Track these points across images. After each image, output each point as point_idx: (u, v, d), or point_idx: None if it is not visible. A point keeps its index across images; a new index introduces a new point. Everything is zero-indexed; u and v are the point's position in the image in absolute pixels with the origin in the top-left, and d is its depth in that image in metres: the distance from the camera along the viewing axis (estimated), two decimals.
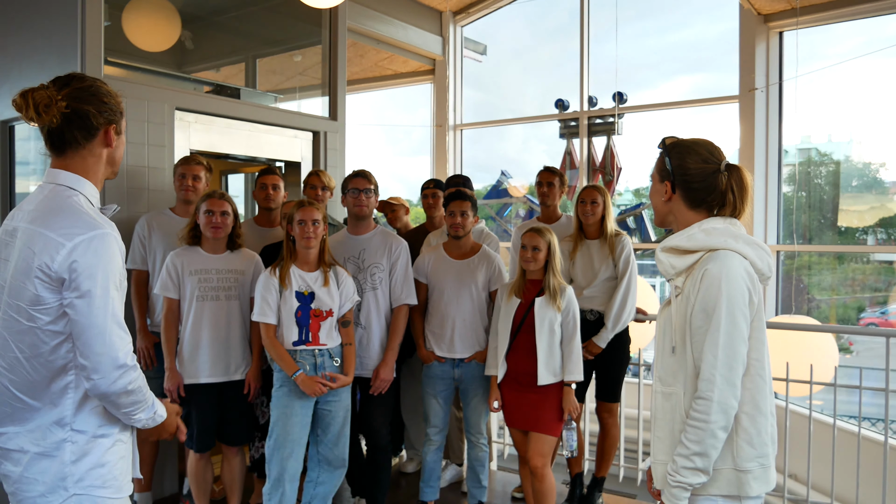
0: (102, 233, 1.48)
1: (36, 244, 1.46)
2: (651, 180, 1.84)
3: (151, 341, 3.26)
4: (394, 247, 3.17)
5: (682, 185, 1.73)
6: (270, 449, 2.84)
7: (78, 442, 1.51)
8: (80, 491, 1.51)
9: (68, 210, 1.50)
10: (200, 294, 2.97)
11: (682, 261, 1.68)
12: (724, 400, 1.57)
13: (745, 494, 1.63)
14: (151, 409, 1.60)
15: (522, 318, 2.96)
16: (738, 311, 1.59)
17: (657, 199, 1.80)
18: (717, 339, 1.58)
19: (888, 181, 6.21)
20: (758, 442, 1.64)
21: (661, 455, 1.72)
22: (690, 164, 1.72)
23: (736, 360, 1.59)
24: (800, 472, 4.96)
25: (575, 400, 2.96)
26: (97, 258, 1.46)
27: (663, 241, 1.74)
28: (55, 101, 1.49)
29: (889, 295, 6.59)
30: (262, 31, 4.94)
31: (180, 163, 3.38)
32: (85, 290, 1.45)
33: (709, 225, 1.68)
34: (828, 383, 3.63)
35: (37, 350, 1.49)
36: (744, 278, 1.61)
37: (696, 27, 7.65)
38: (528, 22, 8.19)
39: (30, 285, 1.46)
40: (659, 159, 1.79)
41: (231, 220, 3.02)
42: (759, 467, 1.64)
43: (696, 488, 1.63)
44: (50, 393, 1.51)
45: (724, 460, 1.63)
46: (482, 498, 3.36)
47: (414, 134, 8.86)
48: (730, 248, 1.64)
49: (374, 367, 3.12)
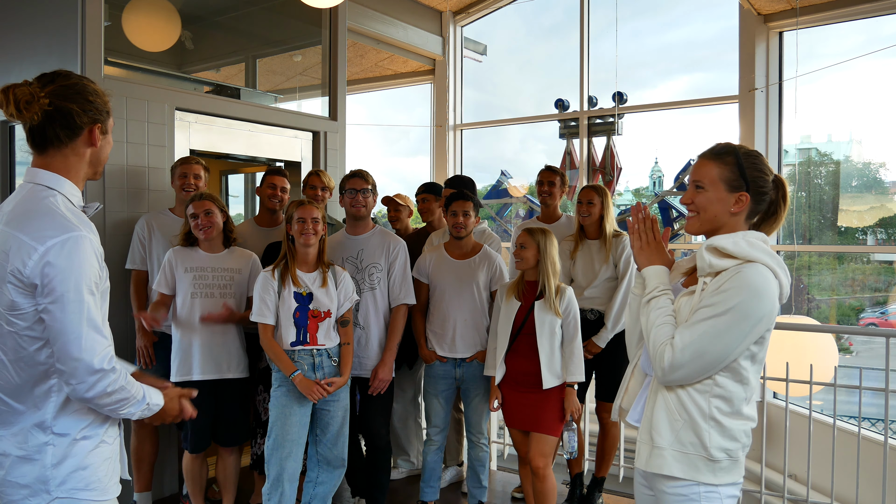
0: (76, 235, 1.45)
1: (10, 247, 1.44)
2: (702, 188, 1.72)
3: (150, 340, 3.26)
4: (392, 246, 3.17)
5: (756, 196, 1.70)
6: (269, 449, 2.84)
7: (59, 445, 1.50)
8: (63, 494, 1.49)
9: (42, 211, 1.47)
10: (195, 291, 2.99)
11: (721, 262, 1.66)
12: (677, 363, 1.63)
13: (721, 482, 1.66)
14: (142, 402, 1.57)
15: (523, 321, 2.95)
16: (746, 318, 1.60)
17: (720, 209, 1.70)
18: (705, 329, 1.61)
19: (888, 181, 6.21)
20: (729, 436, 1.67)
21: (644, 434, 1.75)
22: (764, 174, 1.70)
23: (710, 351, 1.61)
24: (800, 472, 4.95)
25: (577, 401, 2.96)
26: (69, 262, 1.43)
27: (710, 240, 1.69)
28: (37, 97, 1.47)
29: (889, 295, 6.59)
30: (262, 31, 4.94)
31: (179, 163, 3.39)
32: (58, 296, 1.42)
33: (753, 237, 1.67)
34: (828, 383, 3.63)
35: (19, 354, 1.47)
36: (769, 299, 1.62)
37: (694, 25, 7.65)
38: (527, 22, 8.20)
39: (5, 290, 1.44)
40: (724, 168, 1.70)
41: (219, 217, 3.03)
42: (728, 461, 1.67)
43: (656, 469, 1.69)
44: (33, 396, 1.49)
45: (695, 446, 1.66)
46: (482, 498, 3.36)
47: (412, 134, 8.87)
48: (766, 263, 1.63)
49: (373, 368, 3.12)
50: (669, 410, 1.70)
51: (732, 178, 1.68)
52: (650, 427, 1.74)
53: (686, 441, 1.67)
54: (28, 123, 1.50)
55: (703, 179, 1.71)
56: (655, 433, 1.71)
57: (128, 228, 3.39)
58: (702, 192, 1.71)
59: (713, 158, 1.71)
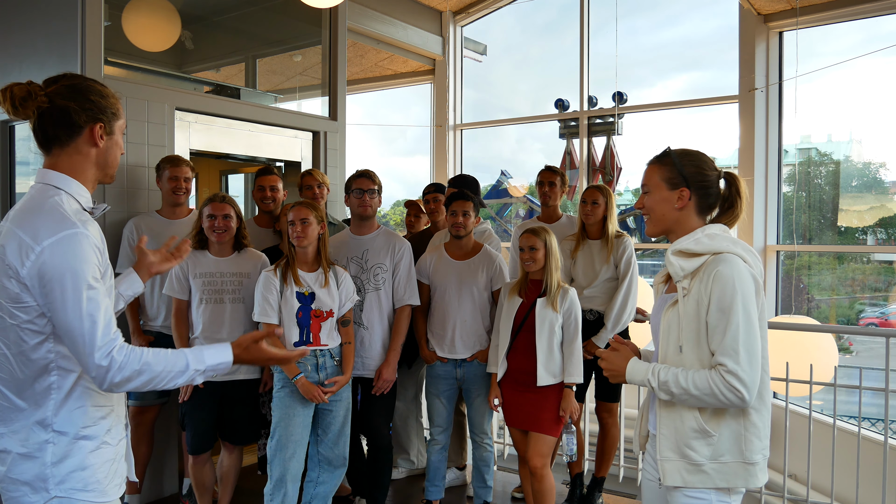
0: (72, 233, 1.45)
1: (10, 244, 1.45)
2: (647, 192, 1.84)
3: (147, 341, 3.27)
4: (397, 247, 3.17)
5: (699, 191, 1.79)
6: (272, 450, 2.84)
7: (59, 443, 1.50)
8: (62, 493, 1.49)
9: (44, 210, 1.48)
10: (203, 297, 2.98)
11: (689, 263, 1.75)
12: (752, 380, 1.65)
13: (754, 486, 1.73)
14: (185, 372, 1.53)
15: (524, 318, 2.96)
16: (752, 307, 1.68)
17: (666, 208, 1.81)
18: (738, 334, 1.65)
19: (888, 181, 6.21)
20: (763, 435, 1.74)
21: (667, 452, 1.77)
22: (707, 170, 1.80)
23: (755, 349, 1.67)
24: (800, 472, 4.96)
25: (574, 402, 2.96)
26: (65, 260, 1.43)
27: (673, 245, 1.79)
28: (35, 95, 1.48)
29: (889, 295, 6.59)
30: (262, 31, 4.94)
31: (168, 164, 3.34)
32: (57, 295, 1.43)
33: (711, 231, 1.77)
34: (828, 383, 3.63)
35: (20, 347, 1.48)
36: (750, 279, 1.70)
37: (692, 24, 7.65)
38: (527, 22, 8.20)
39: (8, 283, 1.46)
40: (663, 169, 1.81)
41: (234, 222, 3.02)
42: (763, 459, 1.74)
43: (697, 484, 1.72)
44: (35, 393, 1.50)
45: (733, 454, 1.71)
46: (487, 498, 3.36)
47: (409, 134, 8.87)
48: (732, 251, 1.72)
49: (376, 368, 3.12)
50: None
51: (672, 177, 1.80)
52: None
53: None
54: (31, 123, 1.52)
55: (648, 183, 1.85)
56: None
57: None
58: (648, 195, 1.84)
59: (655, 162, 1.85)
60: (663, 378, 1.73)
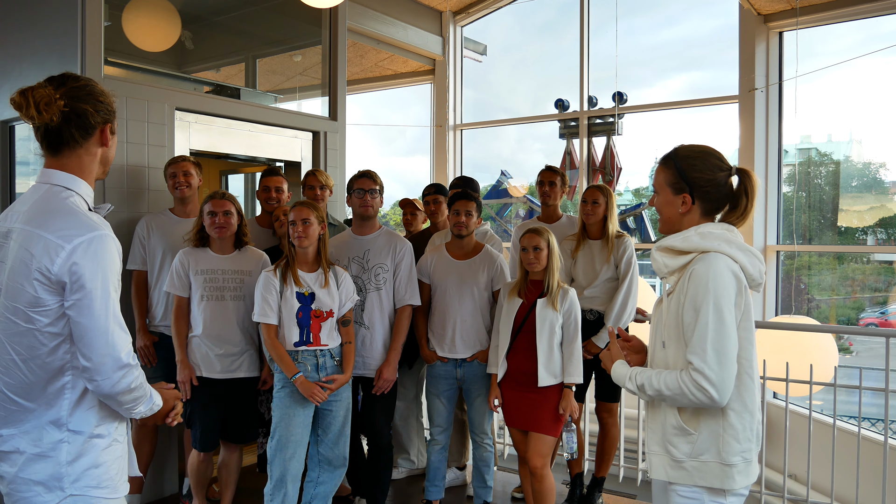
0: (101, 234, 1.48)
1: (34, 246, 1.46)
2: (656, 192, 1.83)
3: (151, 340, 3.28)
4: (398, 247, 3.17)
5: (701, 195, 1.77)
6: (272, 450, 2.84)
7: (74, 442, 1.51)
8: (77, 491, 1.51)
9: (65, 211, 1.49)
10: (204, 294, 2.98)
11: (675, 261, 1.75)
12: (721, 379, 1.63)
13: (730, 488, 1.70)
14: (150, 400, 1.61)
15: (524, 319, 2.96)
16: (725, 307, 1.65)
17: (671, 211, 1.80)
18: (706, 333, 1.64)
19: (888, 181, 6.21)
20: (743, 437, 1.71)
21: (654, 446, 1.80)
22: (707, 173, 1.76)
23: (725, 348, 1.64)
24: (800, 472, 4.95)
25: (574, 402, 2.96)
26: (96, 260, 1.46)
27: (659, 241, 1.79)
28: (55, 99, 1.49)
29: (889, 295, 6.59)
30: (262, 31, 4.94)
31: (168, 163, 3.39)
32: (86, 293, 1.45)
33: (705, 229, 1.74)
34: (828, 383, 3.63)
35: (34, 352, 1.49)
36: (730, 278, 1.67)
37: (692, 23, 7.65)
38: (527, 22, 8.20)
39: (28, 287, 1.46)
40: (668, 172, 1.79)
41: (235, 219, 3.03)
42: (743, 461, 1.71)
43: (678, 480, 1.73)
44: (46, 394, 1.50)
45: (710, 454, 1.70)
46: (488, 498, 3.36)
47: (408, 134, 8.86)
48: (721, 251, 1.69)
49: (377, 367, 3.12)
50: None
51: (675, 182, 1.78)
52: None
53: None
54: (44, 125, 1.52)
55: (656, 185, 1.84)
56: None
57: (128, 228, 3.39)
58: (657, 196, 1.84)
59: (661, 164, 1.83)
60: (639, 381, 1.75)
